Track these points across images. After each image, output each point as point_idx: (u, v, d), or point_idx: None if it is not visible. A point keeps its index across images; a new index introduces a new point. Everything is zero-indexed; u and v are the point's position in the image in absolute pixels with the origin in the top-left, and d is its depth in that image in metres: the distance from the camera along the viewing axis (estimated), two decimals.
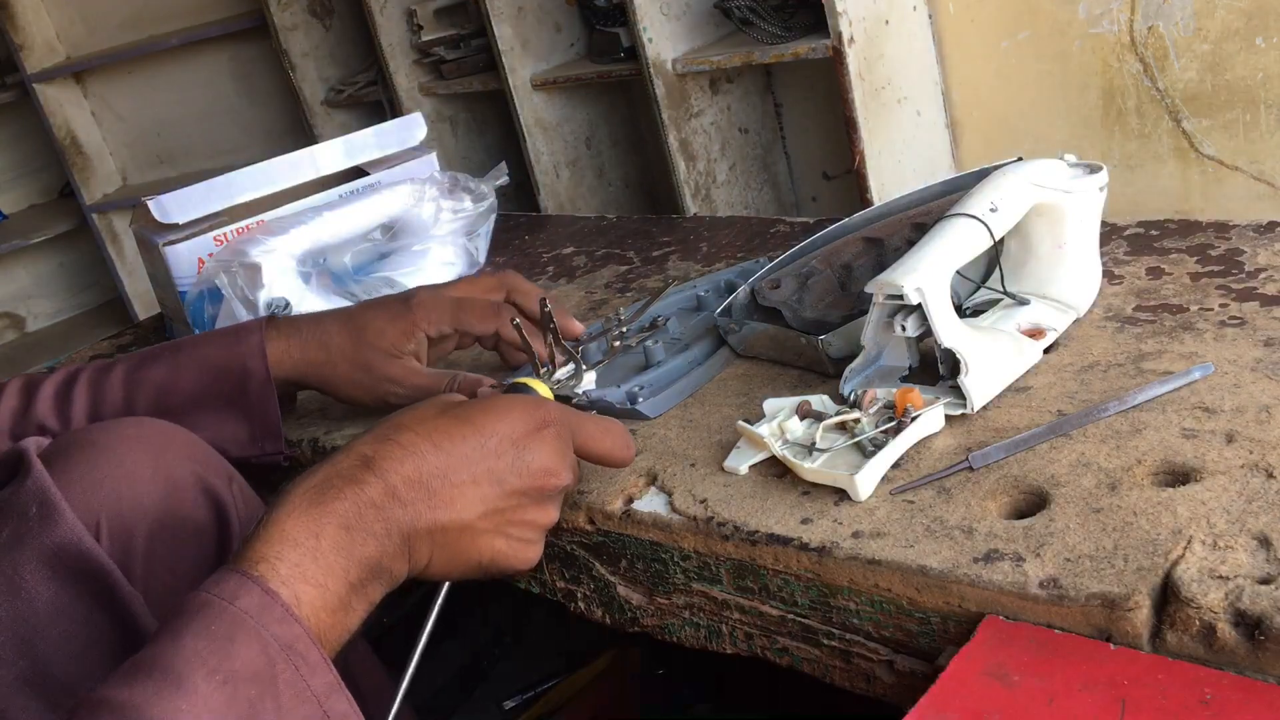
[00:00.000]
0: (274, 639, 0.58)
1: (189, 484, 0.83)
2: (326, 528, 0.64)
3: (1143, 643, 0.61)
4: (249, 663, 0.57)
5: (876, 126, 1.75)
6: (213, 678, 0.56)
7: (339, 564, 0.63)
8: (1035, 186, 0.87)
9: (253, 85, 3.08)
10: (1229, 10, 1.59)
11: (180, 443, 0.85)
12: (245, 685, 0.57)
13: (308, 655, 0.59)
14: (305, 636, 0.60)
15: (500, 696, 1.37)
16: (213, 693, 0.55)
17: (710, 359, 1.00)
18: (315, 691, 0.59)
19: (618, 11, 2.08)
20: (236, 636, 0.57)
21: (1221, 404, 0.76)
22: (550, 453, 0.73)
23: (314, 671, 0.59)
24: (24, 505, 0.73)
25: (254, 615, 0.59)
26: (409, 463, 0.68)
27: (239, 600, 0.59)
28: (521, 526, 0.73)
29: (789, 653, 0.78)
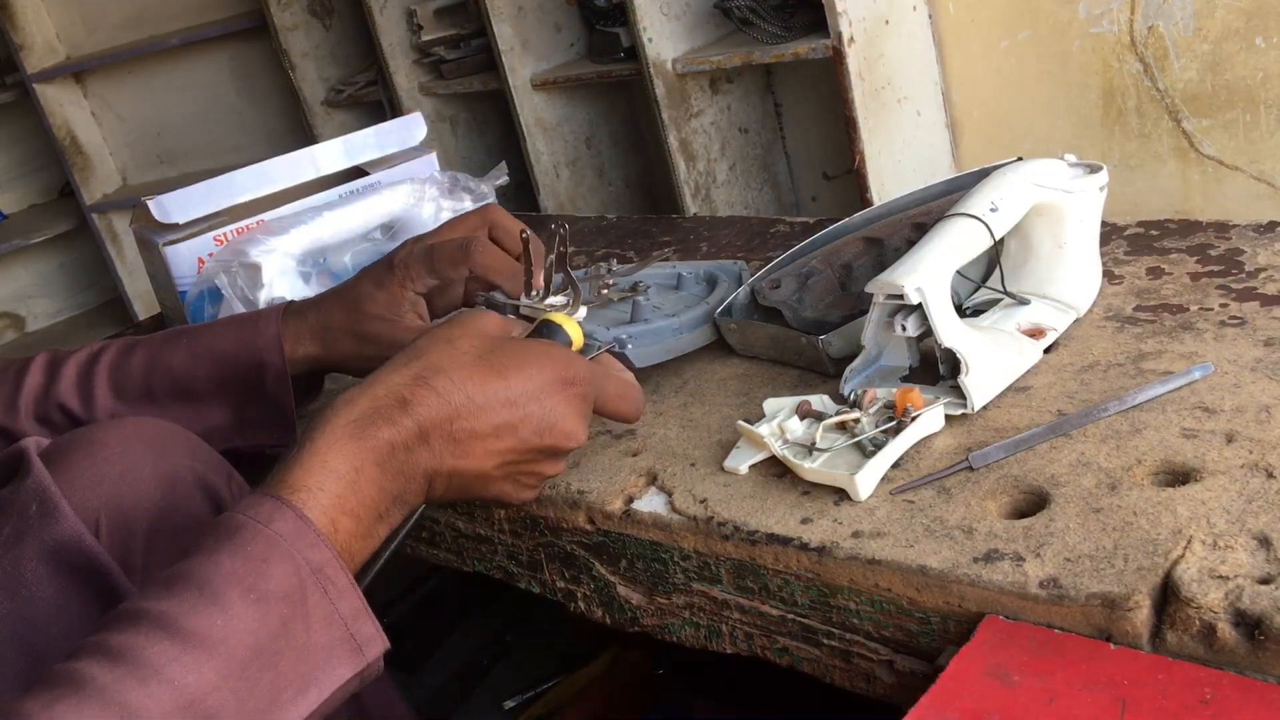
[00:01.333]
0: (306, 562, 0.61)
1: (188, 481, 0.83)
2: (366, 463, 0.67)
3: (1143, 642, 0.61)
4: (281, 583, 0.60)
5: (876, 126, 1.75)
6: (248, 595, 0.59)
7: (372, 496, 0.67)
8: (1035, 186, 0.87)
9: (253, 85, 3.08)
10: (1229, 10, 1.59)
11: (179, 441, 0.85)
12: (277, 604, 0.59)
13: (336, 580, 0.62)
14: (335, 561, 0.62)
15: (500, 696, 1.37)
16: (247, 609, 0.58)
17: (696, 330, 1.01)
18: (342, 614, 0.62)
19: (618, 11, 2.08)
20: (271, 557, 0.60)
21: (1221, 404, 0.76)
22: (572, 413, 0.75)
23: (342, 595, 0.62)
24: (24, 503, 0.74)
25: (288, 539, 0.61)
26: (441, 409, 0.70)
27: (274, 523, 0.62)
28: (529, 476, 0.77)
29: (789, 653, 0.78)
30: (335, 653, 0.62)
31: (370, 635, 0.63)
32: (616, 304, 1.02)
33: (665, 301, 1.08)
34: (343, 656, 0.62)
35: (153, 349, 0.99)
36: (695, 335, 1.01)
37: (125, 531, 0.78)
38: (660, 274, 1.12)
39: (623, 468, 0.87)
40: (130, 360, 0.98)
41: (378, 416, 0.69)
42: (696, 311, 1.03)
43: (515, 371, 0.73)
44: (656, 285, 1.11)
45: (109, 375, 0.97)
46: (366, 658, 0.63)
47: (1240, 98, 1.63)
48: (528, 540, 0.91)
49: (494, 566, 0.96)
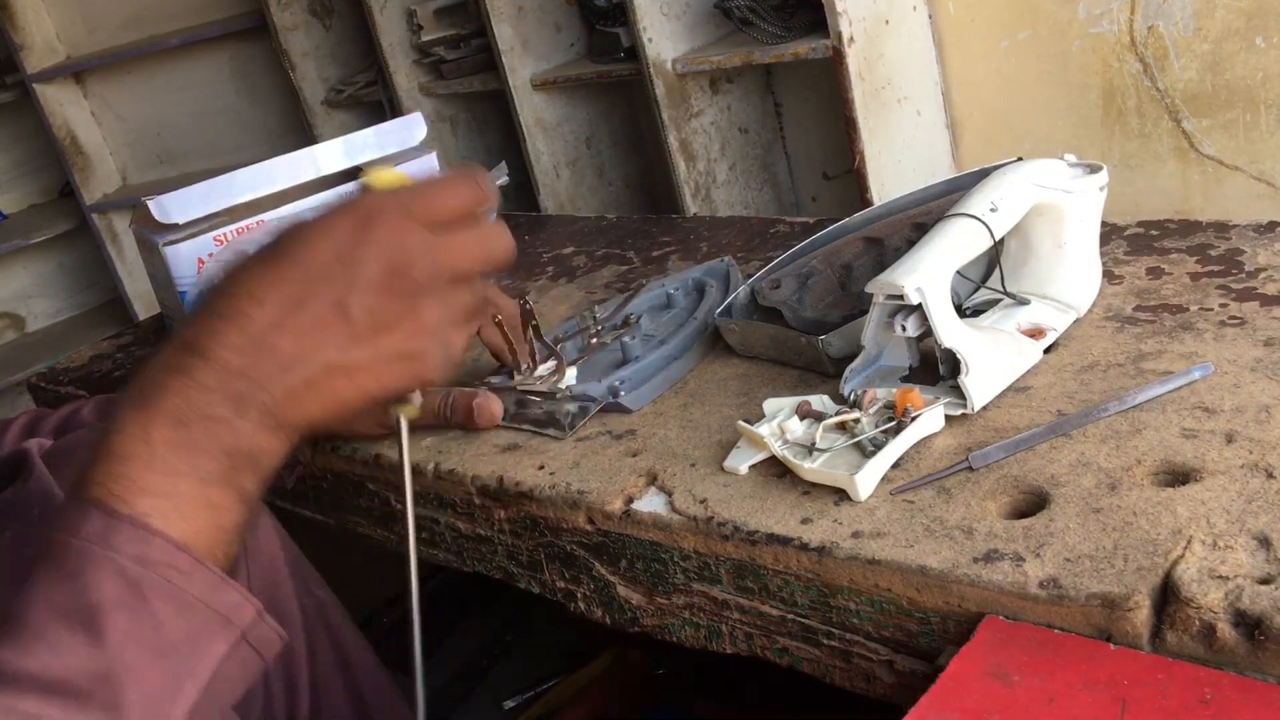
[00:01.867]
0: (130, 559, 0.54)
1: None
2: (158, 429, 0.57)
3: (1143, 643, 0.61)
4: (108, 592, 0.53)
5: (876, 126, 1.75)
6: (71, 620, 0.52)
7: (182, 464, 0.57)
8: (1035, 186, 0.87)
9: (253, 85, 3.08)
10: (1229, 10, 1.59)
11: None
12: (111, 616, 0.53)
13: (176, 563, 0.55)
14: (167, 545, 0.55)
15: (500, 696, 1.37)
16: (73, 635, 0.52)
17: (686, 353, 1.01)
18: (196, 595, 0.55)
19: (618, 11, 2.08)
20: (84, 569, 0.53)
21: (1221, 404, 0.76)
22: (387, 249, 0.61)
23: (190, 578, 0.55)
24: (27, 507, 0.74)
25: (99, 541, 0.54)
26: (234, 330, 0.59)
27: (81, 530, 0.54)
28: (400, 340, 0.62)
29: (789, 653, 0.78)
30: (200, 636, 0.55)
31: (235, 602, 0.56)
32: (609, 346, 1.03)
33: (658, 326, 1.08)
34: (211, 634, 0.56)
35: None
36: (686, 360, 1.01)
37: None
38: (650, 296, 1.13)
39: (622, 468, 0.87)
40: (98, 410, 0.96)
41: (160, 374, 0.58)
42: (686, 332, 1.03)
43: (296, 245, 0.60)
44: (648, 310, 1.11)
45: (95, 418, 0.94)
46: (238, 624, 0.56)
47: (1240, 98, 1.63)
48: (528, 540, 0.91)
49: (494, 566, 0.96)
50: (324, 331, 0.60)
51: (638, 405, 0.96)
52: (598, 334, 1.04)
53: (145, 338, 1.54)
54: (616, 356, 1.02)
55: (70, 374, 1.48)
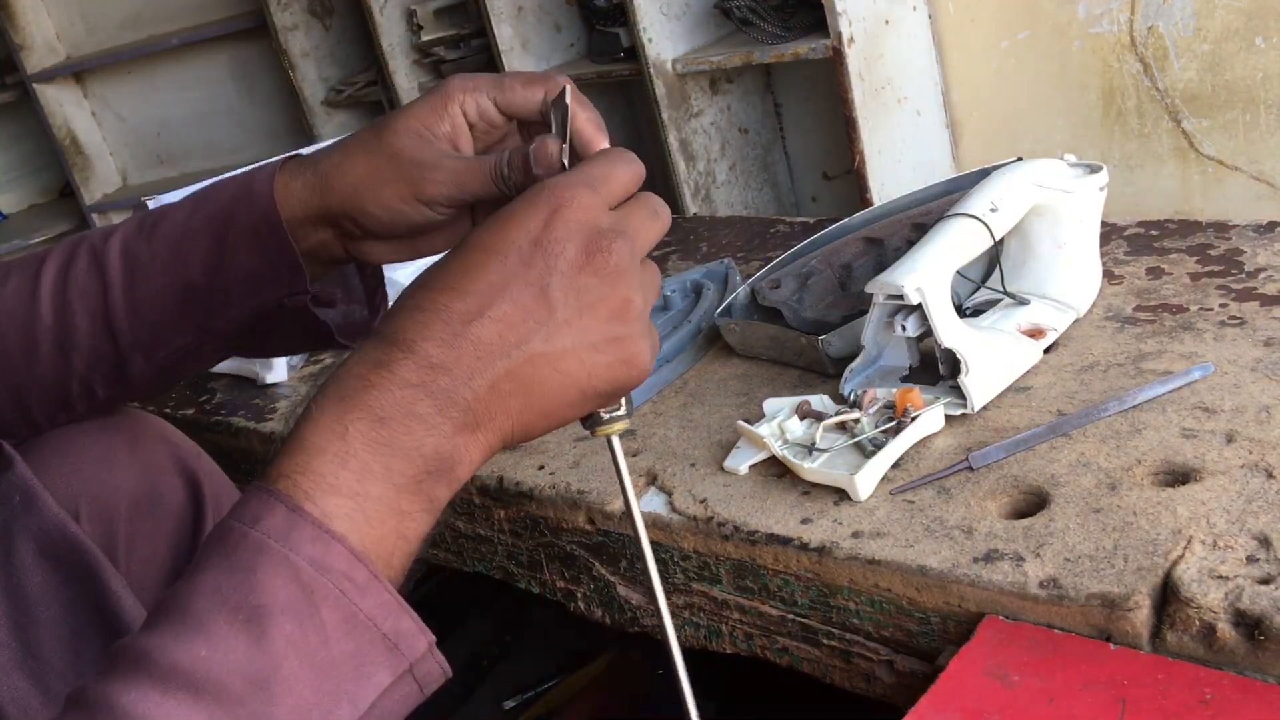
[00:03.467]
0: (307, 561, 0.51)
1: (164, 464, 0.84)
2: (355, 425, 0.54)
3: (1143, 643, 0.61)
4: (279, 593, 0.50)
5: (876, 126, 1.75)
6: (236, 616, 0.49)
7: (377, 464, 0.54)
8: (1035, 186, 0.87)
9: (253, 85, 3.08)
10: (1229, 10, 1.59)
11: (152, 428, 0.86)
12: (277, 620, 0.50)
13: (353, 575, 0.51)
14: (347, 554, 0.51)
15: (500, 696, 1.37)
16: (237, 633, 0.49)
17: (680, 356, 1.01)
18: (368, 614, 0.51)
19: (618, 11, 2.08)
20: (259, 565, 0.50)
21: (1221, 404, 0.76)
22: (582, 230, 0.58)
23: (364, 593, 0.51)
24: (7, 494, 0.74)
25: (279, 537, 0.51)
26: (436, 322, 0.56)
27: (261, 522, 0.51)
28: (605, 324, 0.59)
29: (789, 653, 0.78)
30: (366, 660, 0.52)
31: (408, 630, 0.53)
32: None
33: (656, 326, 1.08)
34: (377, 661, 0.52)
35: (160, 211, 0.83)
36: (679, 363, 1.01)
37: (106, 517, 0.79)
38: None
39: None
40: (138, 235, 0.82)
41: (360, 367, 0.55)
42: (680, 335, 1.03)
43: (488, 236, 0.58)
44: None
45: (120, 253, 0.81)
46: (408, 656, 0.53)
47: (1240, 98, 1.63)
48: (528, 540, 0.91)
49: (494, 566, 0.96)
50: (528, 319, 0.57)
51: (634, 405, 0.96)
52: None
53: None
54: None
55: None
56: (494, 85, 0.77)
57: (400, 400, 0.54)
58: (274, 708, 0.49)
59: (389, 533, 0.54)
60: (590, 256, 0.58)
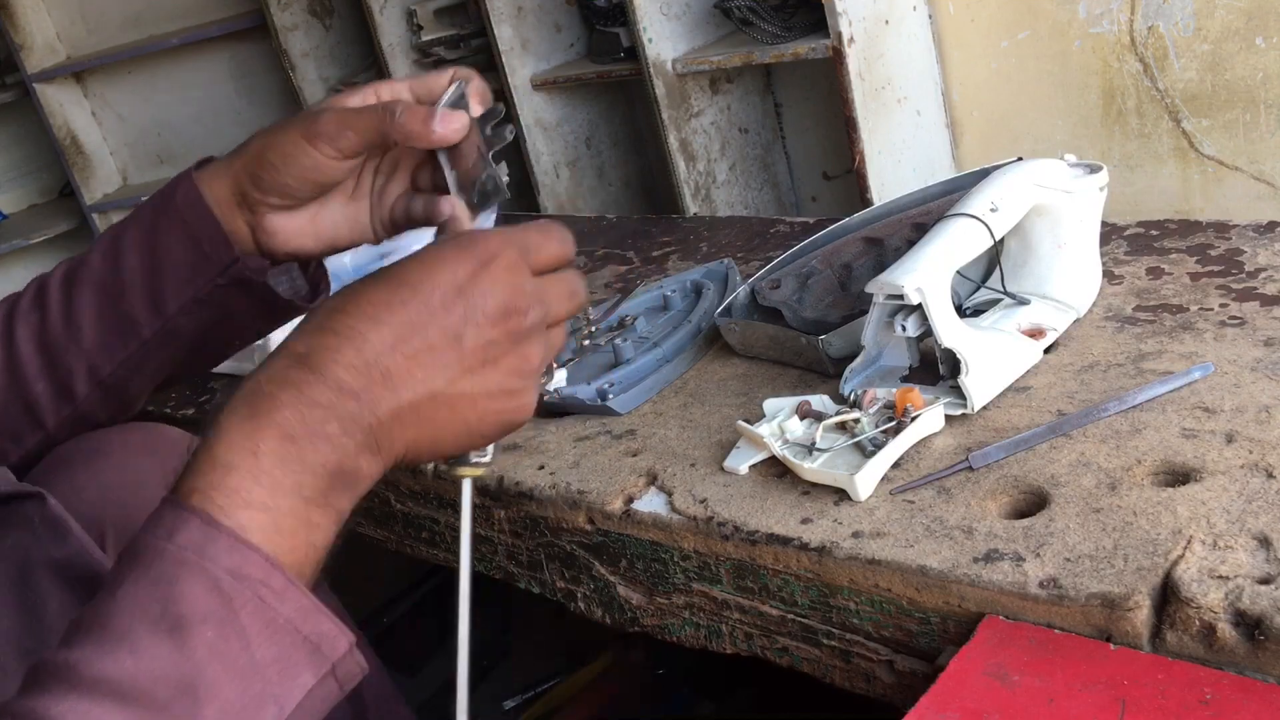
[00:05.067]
0: (225, 572, 0.52)
1: None
2: (265, 441, 0.56)
3: (1143, 643, 0.61)
4: (198, 603, 0.52)
5: (876, 126, 1.75)
6: (158, 627, 0.51)
7: (287, 479, 0.56)
8: (1035, 186, 0.87)
9: (253, 85, 3.08)
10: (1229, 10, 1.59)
11: (184, 447, 0.85)
12: (200, 628, 0.52)
13: (269, 581, 0.53)
14: (263, 562, 0.53)
15: (500, 696, 1.37)
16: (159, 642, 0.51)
17: (679, 356, 1.01)
18: (287, 618, 0.54)
19: (618, 11, 2.08)
20: (180, 577, 0.52)
21: (1221, 404, 0.76)
22: (505, 289, 0.62)
23: (281, 598, 0.54)
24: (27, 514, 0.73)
25: (195, 549, 0.53)
26: (349, 348, 0.59)
27: (177, 536, 0.53)
28: (503, 376, 0.63)
29: (789, 653, 0.78)
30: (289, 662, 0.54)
31: (329, 632, 0.55)
32: (602, 348, 1.03)
33: (654, 327, 1.08)
34: (299, 663, 0.54)
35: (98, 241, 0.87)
36: (678, 363, 1.01)
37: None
38: (647, 298, 1.13)
39: (622, 468, 0.87)
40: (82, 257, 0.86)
41: (270, 385, 0.58)
42: (679, 335, 1.03)
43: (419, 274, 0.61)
44: (645, 311, 1.11)
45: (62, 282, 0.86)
46: (330, 657, 0.55)
47: (1240, 98, 1.63)
48: (528, 540, 0.91)
49: (494, 566, 0.96)
50: (437, 359, 0.60)
51: (626, 409, 0.96)
52: (591, 335, 1.04)
53: None
54: (609, 359, 1.02)
55: None
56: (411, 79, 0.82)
57: (309, 419, 0.57)
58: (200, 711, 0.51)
59: (300, 543, 0.56)
60: (506, 316, 0.62)
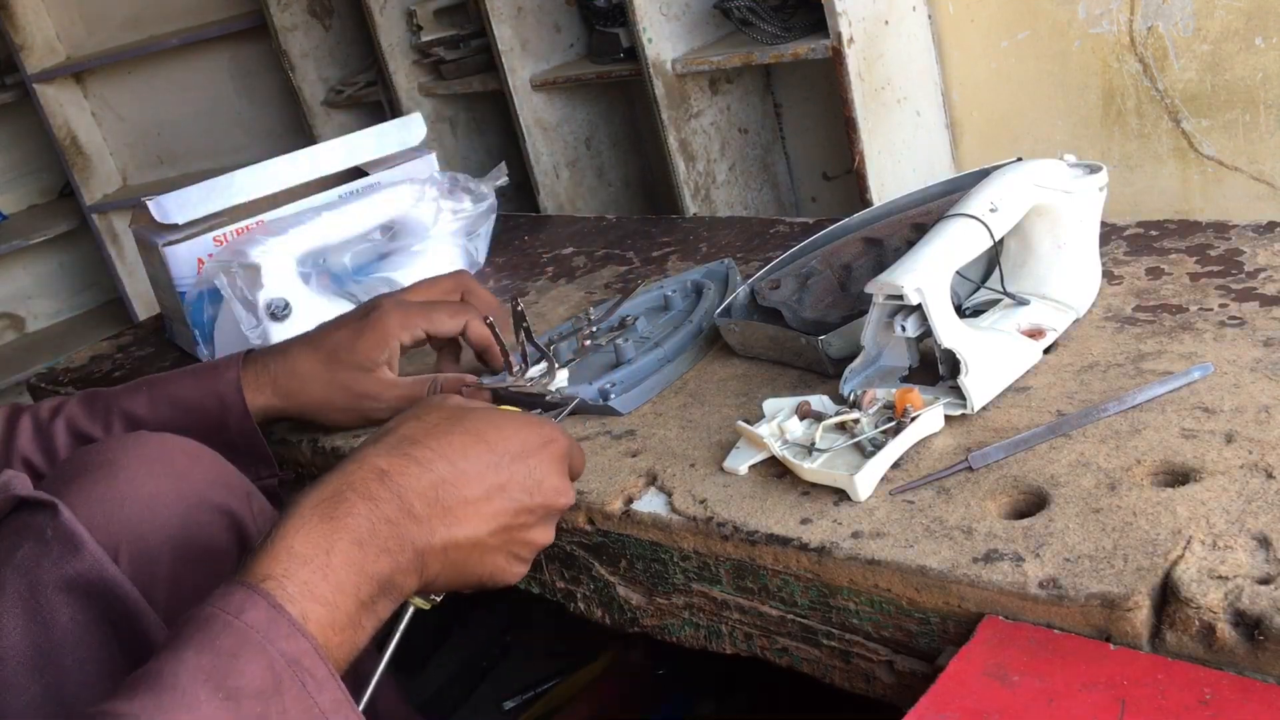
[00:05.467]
0: (280, 655, 0.58)
1: (210, 506, 0.82)
2: (339, 544, 0.63)
3: (1142, 643, 0.61)
4: (254, 679, 0.57)
5: (876, 126, 1.75)
6: (216, 693, 0.55)
7: (350, 581, 0.63)
8: (1035, 186, 0.87)
9: (253, 85, 3.08)
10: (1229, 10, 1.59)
11: (201, 463, 0.85)
12: (250, 701, 0.56)
13: (315, 671, 0.59)
14: (313, 652, 0.59)
15: (500, 696, 1.37)
16: (216, 708, 0.55)
17: (680, 356, 1.01)
18: (322, 708, 0.59)
19: (618, 11, 2.08)
20: (242, 653, 0.57)
21: (1221, 404, 0.76)
22: (557, 471, 0.74)
23: (321, 688, 0.59)
24: (38, 527, 0.72)
25: (260, 630, 0.58)
26: (424, 478, 0.68)
27: (245, 615, 0.58)
28: (523, 546, 0.73)
29: (789, 653, 0.78)
30: None
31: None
32: (603, 348, 1.03)
33: (655, 327, 1.08)
34: None
35: (111, 399, 0.98)
36: (680, 363, 1.01)
37: (148, 559, 0.77)
38: (648, 298, 1.13)
39: (622, 468, 0.88)
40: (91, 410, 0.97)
41: (350, 492, 0.65)
42: (681, 335, 1.03)
43: (494, 433, 0.72)
44: (646, 311, 1.11)
45: (67, 427, 0.96)
46: None
47: (1240, 98, 1.63)
48: None
49: None
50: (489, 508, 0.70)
51: (628, 409, 0.96)
52: (592, 335, 1.04)
53: (145, 338, 1.54)
54: (610, 359, 1.02)
55: (70, 374, 1.48)
56: (424, 318, 0.99)
57: (377, 532, 0.65)
58: None
59: (346, 640, 0.63)
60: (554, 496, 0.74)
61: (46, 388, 1.47)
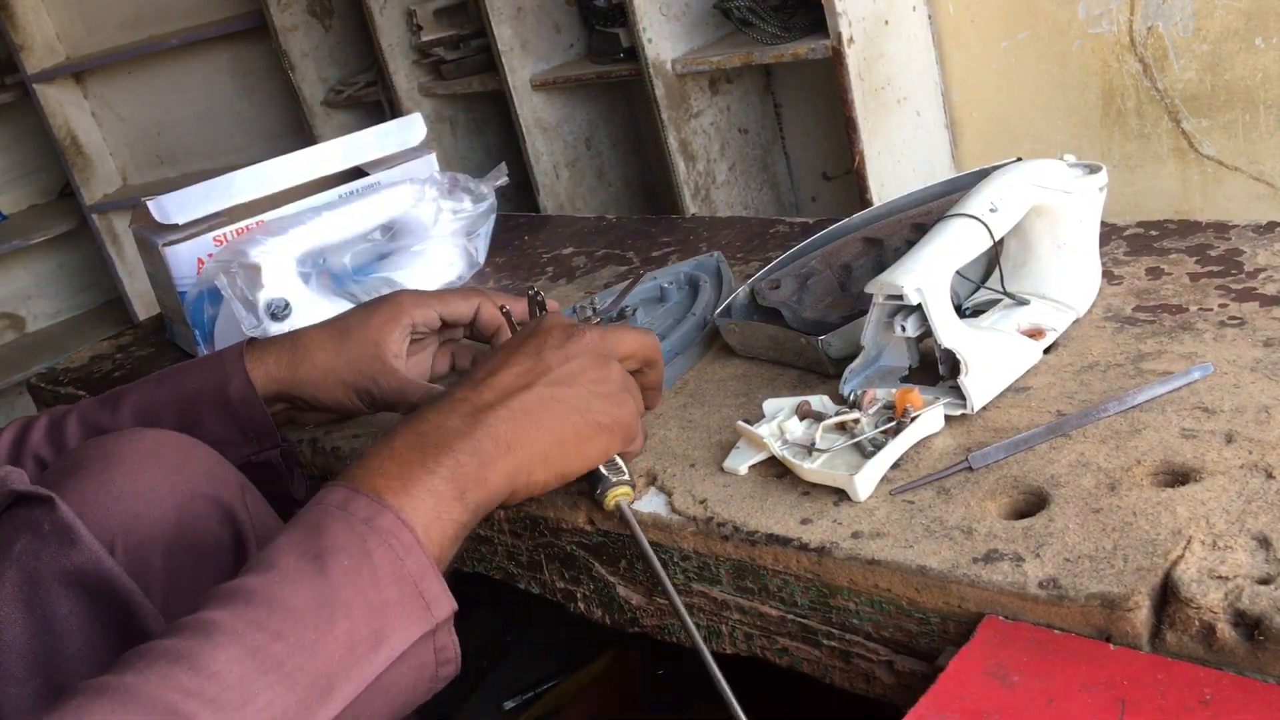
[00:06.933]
0: (361, 521, 0.62)
1: (204, 499, 0.83)
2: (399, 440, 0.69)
3: (1142, 643, 0.61)
4: (337, 538, 0.61)
5: (876, 126, 1.75)
6: (304, 556, 0.61)
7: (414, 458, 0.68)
8: (1035, 187, 0.87)
9: (253, 85, 3.08)
10: (1228, 11, 1.59)
11: (196, 457, 0.85)
12: (337, 555, 0.61)
13: (400, 535, 0.63)
14: (396, 520, 0.63)
15: (500, 696, 1.37)
16: (304, 565, 0.60)
17: (689, 350, 1.01)
18: (410, 570, 0.62)
19: (618, 12, 2.08)
20: (325, 523, 0.62)
21: (1221, 404, 0.76)
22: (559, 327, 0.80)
23: (408, 552, 0.63)
24: (36, 521, 0.73)
25: (339, 505, 0.63)
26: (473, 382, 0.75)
27: (326, 498, 0.64)
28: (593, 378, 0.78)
29: (789, 653, 0.78)
30: (402, 610, 0.62)
31: (437, 594, 0.63)
32: None
33: (653, 319, 1.08)
34: (411, 615, 0.62)
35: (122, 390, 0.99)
36: (687, 357, 1.01)
37: (143, 552, 0.78)
38: (643, 289, 1.13)
39: None
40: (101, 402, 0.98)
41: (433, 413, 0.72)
42: (685, 329, 1.03)
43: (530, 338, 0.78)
44: (642, 302, 1.11)
45: (79, 419, 0.96)
46: (435, 617, 0.63)
47: (1240, 98, 1.63)
48: (527, 540, 0.91)
49: (494, 567, 0.96)
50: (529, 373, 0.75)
51: None
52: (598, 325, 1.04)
53: (145, 338, 1.54)
54: None
55: (70, 374, 1.48)
56: (437, 299, 1.00)
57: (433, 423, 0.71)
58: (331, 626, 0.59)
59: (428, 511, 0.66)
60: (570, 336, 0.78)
61: (46, 388, 1.47)
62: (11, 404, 3.22)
